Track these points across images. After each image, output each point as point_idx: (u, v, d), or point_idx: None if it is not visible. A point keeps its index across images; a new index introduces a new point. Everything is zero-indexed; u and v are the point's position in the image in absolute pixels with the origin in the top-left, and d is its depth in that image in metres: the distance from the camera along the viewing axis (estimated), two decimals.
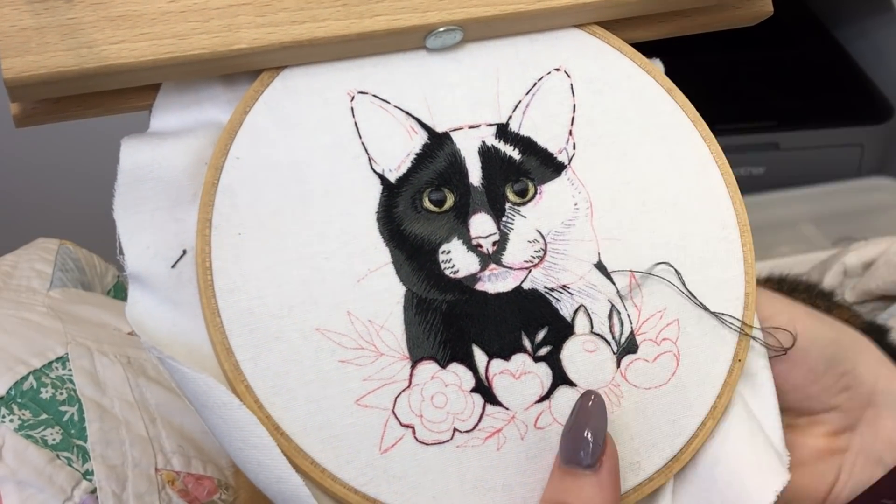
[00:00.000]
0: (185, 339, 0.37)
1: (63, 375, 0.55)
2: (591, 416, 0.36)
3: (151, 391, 0.57)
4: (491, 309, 0.38)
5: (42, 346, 0.56)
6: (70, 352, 0.57)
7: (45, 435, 0.52)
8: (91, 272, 0.69)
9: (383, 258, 0.38)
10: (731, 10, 0.46)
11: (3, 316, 0.58)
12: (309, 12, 0.38)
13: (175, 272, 0.37)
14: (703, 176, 0.42)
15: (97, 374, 0.56)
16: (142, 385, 0.57)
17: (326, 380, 0.36)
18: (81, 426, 0.54)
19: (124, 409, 0.55)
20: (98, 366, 0.57)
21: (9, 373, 0.54)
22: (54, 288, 0.63)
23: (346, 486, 0.36)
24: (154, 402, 0.57)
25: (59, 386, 0.55)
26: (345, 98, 0.40)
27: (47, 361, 0.56)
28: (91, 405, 0.54)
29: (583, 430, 0.36)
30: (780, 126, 0.97)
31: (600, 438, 0.36)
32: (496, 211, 0.39)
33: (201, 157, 0.38)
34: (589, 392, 0.37)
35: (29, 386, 0.54)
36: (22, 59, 0.35)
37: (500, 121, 0.41)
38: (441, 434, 0.37)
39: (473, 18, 0.40)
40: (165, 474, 0.54)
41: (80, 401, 0.54)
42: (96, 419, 0.54)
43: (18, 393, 0.54)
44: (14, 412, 0.53)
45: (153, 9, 0.37)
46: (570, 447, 0.36)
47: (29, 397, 0.54)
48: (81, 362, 0.56)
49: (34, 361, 0.55)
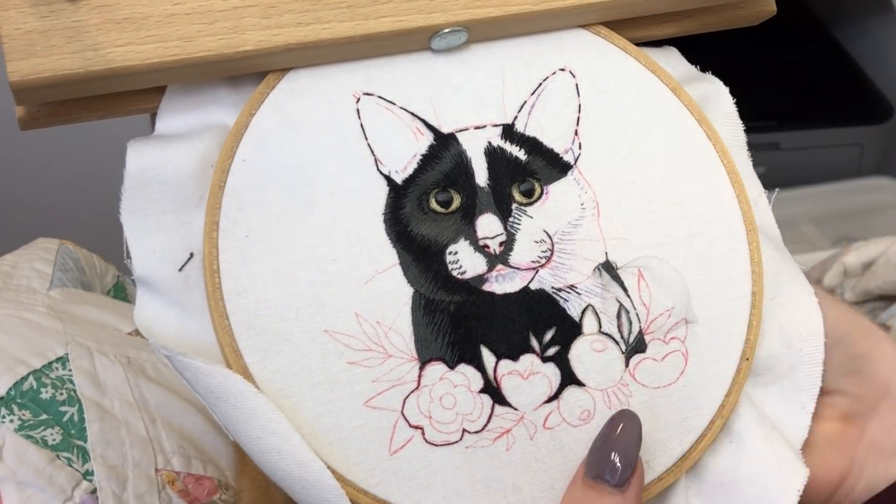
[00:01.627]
0: (193, 341, 0.37)
1: (63, 376, 0.55)
2: (627, 436, 0.36)
3: (151, 391, 0.57)
4: (498, 309, 0.38)
5: (42, 347, 0.56)
6: (70, 352, 0.56)
7: (45, 435, 0.52)
8: (91, 272, 0.69)
9: (390, 259, 0.38)
10: (734, 10, 0.46)
11: (2, 316, 0.58)
12: (314, 14, 0.38)
13: (182, 275, 0.37)
14: (708, 175, 0.42)
15: (97, 375, 0.56)
16: (142, 385, 0.57)
17: (335, 381, 0.36)
18: (81, 426, 0.53)
19: (124, 410, 0.55)
20: (98, 366, 0.57)
21: (9, 373, 0.54)
22: (54, 288, 0.63)
23: (356, 487, 0.36)
24: (154, 402, 0.57)
25: (59, 386, 0.54)
26: (350, 99, 0.40)
27: (47, 362, 0.56)
28: (91, 405, 0.54)
29: (616, 450, 0.35)
30: (780, 126, 0.97)
31: (633, 460, 0.35)
32: (503, 211, 0.39)
33: (207, 159, 0.38)
34: (627, 412, 0.37)
35: (29, 386, 0.54)
36: (27, 61, 0.35)
37: (506, 121, 0.41)
38: (450, 435, 0.37)
39: (478, 19, 0.40)
40: (165, 474, 0.54)
41: (80, 401, 0.54)
42: (96, 419, 0.54)
43: (18, 393, 0.53)
44: (14, 412, 0.53)
45: (158, 11, 0.37)
46: (600, 463, 0.36)
47: (29, 397, 0.54)
48: (81, 362, 0.56)
49: (34, 362, 0.55)
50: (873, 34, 1.03)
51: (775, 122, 0.97)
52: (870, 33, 1.03)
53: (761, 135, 0.96)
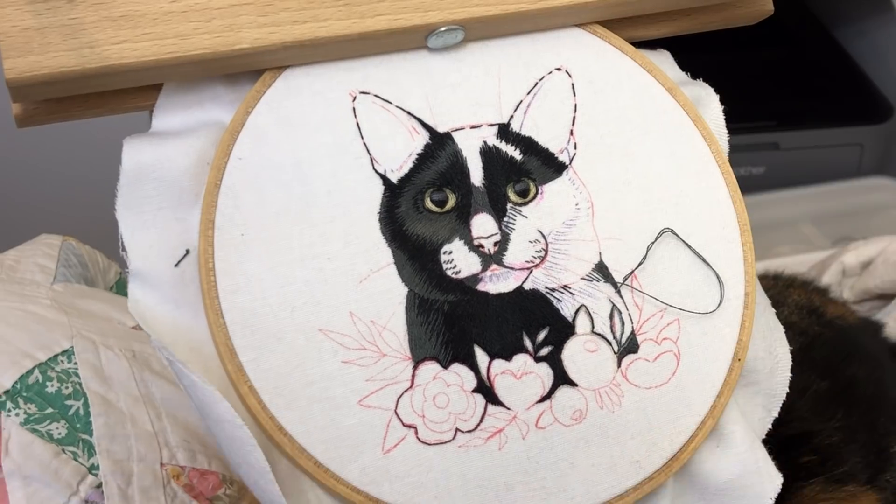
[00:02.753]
0: (186, 337, 0.37)
1: (68, 369, 0.55)
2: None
3: (157, 385, 0.57)
4: (492, 309, 0.38)
5: (47, 340, 0.56)
6: (75, 345, 0.56)
7: (50, 429, 0.52)
8: (94, 268, 0.69)
9: (385, 259, 0.38)
10: (732, 10, 0.46)
11: (7, 309, 0.58)
12: (311, 12, 0.38)
13: (178, 271, 0.37)
14: (703, 175, 0.42)
15: (102, 368, 0.56)
16: (147, 379, 0.57)
17: (329, 380, 0.36)
18: (87, 420, 0.53)
19: (129, 404, 0.55)
20: (103, 359, 0.57)
21: (14, 366, 0.54)
22: (58, 282, 0.63)
23: (349, 486, 0.36)
24: (159, 396, 0.57)
25: (64, 380, 0.54)
26: (347, 98, 0.40)
27: (53, 355, 0.56)
28: (96, 399, 0.54)
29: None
30: (780, 126, 0.97)
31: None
32: (497, 211, 0.39)
33: (203, 157, 0.38)
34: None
35: (35, 379, 0.54)
36: (24, 59, 0.35)
37: (502, 121, 0.41)
38: (443, 434, 0.37)
39: (475, 18, 0.40)
40: (170, 469, 0.54)
41: (86, 395, 0.54)
42: (102, 413, 0.54)
43: (24, 386, 0.54)
44: (20, 406, 0.53)
45: (155, 9, 0.37)
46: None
47: (35, 391, 0.54)
48: (87, 356, 0.56)
49: (40, 355, 0.55)
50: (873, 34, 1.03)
51: (775, 122, 0.97)
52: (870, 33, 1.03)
53: (761, 135, 0.96)
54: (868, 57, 1.04)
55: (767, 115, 0.97)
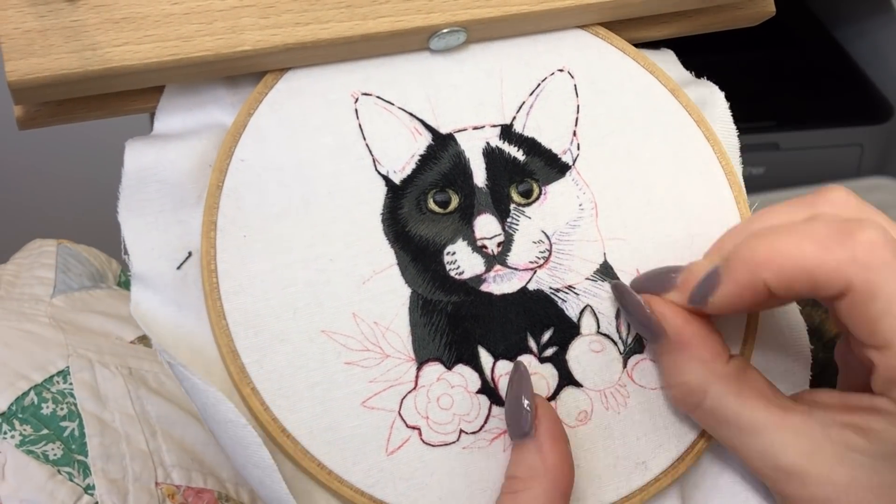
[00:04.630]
0: (189, 340, 0.37)
1: (64, 389, 0.55)
2: (513, 385, 0.36)
3: (152, 403, 0.57)
4: (496, 310, 0.38)
5: (43, 360, 0.56)
6: (71, 364, 0.56)
7: (46, 450, 0.52)
8: (98, 261, 0.69)
9: (388, 260, 0.38)
10: (733, 11, 0.46)
11: (5, 329, 0.58)
12: (312, 14, 0.38)
13: (180, 274, 0.37)
14: (707, 176, 0.42)
15: (98, 388, 0.56)
16: (142, 397, 0.57)
17: (332, 382, 0.36)
18: (82, 441, 0.53)
19: (125, 423, 0.55)
20: (99, 378, 0.57)
21: (10, 388, 0.54)
22: (58, 294, 0.63)
23: (353, 487, 0.36)
24: (155, 414, 0.57)
25: (59, 401, 0.54)
26: (349, 99, 0.40)
27: (48, 375, 0.56)
28: (91, 420, 0.54)
29: (512, 401, 0.36)
30: (780, 126, 0.97)
31: (527, 404, 0.36)
32: (501, 212, 0.39)
33: (205, 159, 0.38)
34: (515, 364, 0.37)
35: (30, 401, 0.54)
36: (26, 61, 0.35)
37: (504, 122, 0.41)
38: (447, 436, 0.37)
39: (477, 20, 0.40)
40: (166, 488, 0.54)
41: (81, 415, 0.54)
42: (97, 434, 0.54)
43: (20, 408, 0.54)
44: (15, 428, 0.53)
45: (157, 11, 0.37)
46: (508, 423, 0.36)
47: (30, 413, 0.54)
48: (82, 375, 0.56)
49: (35, 376, 0.55)
50: (873, 34, 1.03)
51: (775, 122, 0.97)
52: (870, 33, 1.03)
53: (761, 135, 0.96)
54: (868, 57, 1.04)
55: (767, 116, 0.97)
